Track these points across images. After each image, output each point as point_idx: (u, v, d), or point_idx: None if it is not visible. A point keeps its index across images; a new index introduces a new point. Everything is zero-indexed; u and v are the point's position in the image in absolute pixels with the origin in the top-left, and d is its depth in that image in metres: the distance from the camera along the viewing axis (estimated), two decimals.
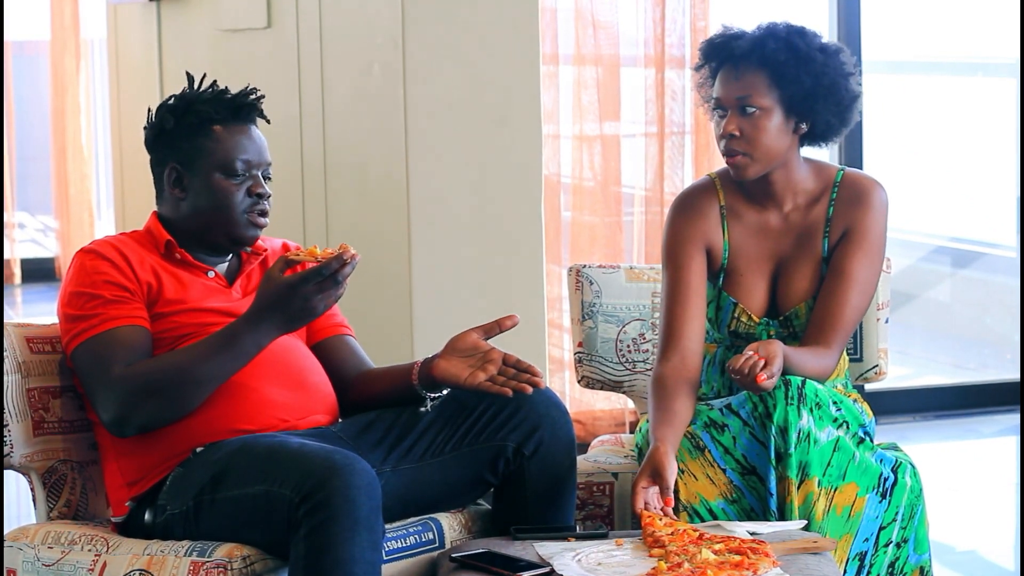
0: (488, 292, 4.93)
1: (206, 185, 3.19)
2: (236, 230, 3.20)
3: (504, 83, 4.97)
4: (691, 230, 3.42)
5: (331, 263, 2.92)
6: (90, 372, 3.07)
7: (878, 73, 7.17)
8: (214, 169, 3.19)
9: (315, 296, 2.95)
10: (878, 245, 3.40)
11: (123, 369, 3.03)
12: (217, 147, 3.19)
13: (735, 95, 3.31)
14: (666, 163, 5.55)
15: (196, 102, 3.21)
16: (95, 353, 3.06)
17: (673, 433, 3.20)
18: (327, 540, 2.81)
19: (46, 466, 3.23)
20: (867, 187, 3.41)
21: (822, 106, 3.33)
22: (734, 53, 3.32)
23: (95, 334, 3.07)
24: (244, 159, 3.20)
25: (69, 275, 3.15)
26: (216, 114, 3.20)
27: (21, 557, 3.13)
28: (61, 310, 3.14)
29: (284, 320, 2.98)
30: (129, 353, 3.05)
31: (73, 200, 9.29)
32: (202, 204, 3.20)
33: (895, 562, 3.29)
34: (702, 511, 3.19)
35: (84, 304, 3.09)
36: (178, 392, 3.02)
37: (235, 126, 3.22)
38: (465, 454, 3.18)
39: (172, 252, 3.21)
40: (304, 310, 2.97)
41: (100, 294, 3.09)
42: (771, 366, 3.10)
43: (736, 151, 3.32)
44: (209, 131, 3.20)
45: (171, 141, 3.22)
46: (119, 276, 3.12)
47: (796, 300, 3.40)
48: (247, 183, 3.20)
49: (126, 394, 3.01)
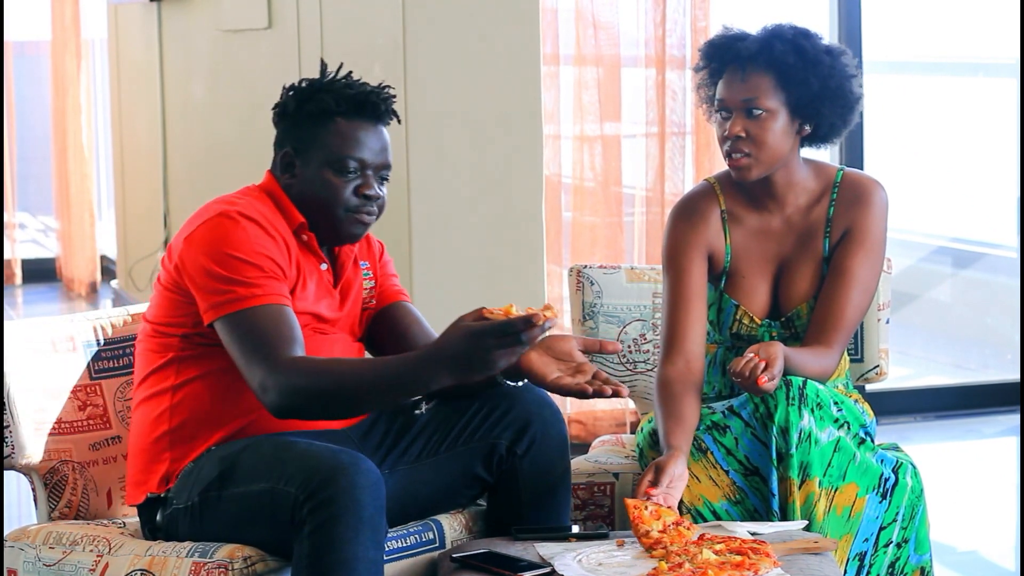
0: (489, 292, 4.94)
1: (314, 177, 3.12)
2: (338, 226, 3.13)
3: (505, 83, 4.98)
4: (692, 236, 3.42)
5: (516, 322, 2.76)
6: (248, 345, 2.95)
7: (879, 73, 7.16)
8: (324, 163, 3.11)
9: (495, 350, 2.78)
10: (878, 244, 3.40)
11: (289, 357, 2.93)
12: (332, 141, 3.11)
13: (741, 97, 3.30)
14: (667, 163, 5.55)
15: (321, 91, 3.13)
16: (252, 327, 2.96)
17: (685, 439, 3.20)
18: (331, 539, 2.81)
19: (47, 466, 3.23)
20: (867, 187, 3.41)
21: (828, 108, 3.34)
22: (741, 55, 3.31)
23: (253, 305, 2.97)
24: (358, 157, 3.11)
25: (220, 234, 3.02)
26: (338, 106, 3.11)
27: (22, 557, 3.13)
28: (207, 266, 3.00)
29: (460, 368, 2.82)
30: (289, 336, 2.96)
31: (74, 200, 9.29)
32: (308, 194, 3.12)
33: (895, 562, 3.29)
34: (705, 513, 3.19)
35: (241, 270, 2.99)
36: (338, 406, 2.95)
37: (357, 121, 3.12)
38: (460, 453, 3.19)
39: (300, 233, 3.12)
40: (483, 361, 2.80)
41: (258, 263, 3.00)
42: (772, 368, 3.10)
43: (741, 152, 3.31)
44: (328, 123, 3.12)
45: (290, 125, 3.15)
46: (276, 251, 3.04)
47: (798, 301, 3.40)
48: (356, 182, 3.12)
49: (293, 387, 2.90)
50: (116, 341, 3.35)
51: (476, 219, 4.99)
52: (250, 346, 2.95)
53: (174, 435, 3.09)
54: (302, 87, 3.16)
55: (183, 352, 3.09)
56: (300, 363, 2.93)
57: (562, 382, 3.03)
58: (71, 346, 3.29)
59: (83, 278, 9.28)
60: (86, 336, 3.31)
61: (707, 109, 3.44)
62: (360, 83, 3.15)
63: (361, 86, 3.14)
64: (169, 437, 3.09)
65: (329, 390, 2.90)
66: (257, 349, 2.94)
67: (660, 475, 3.10)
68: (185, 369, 3.09)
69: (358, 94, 3.12)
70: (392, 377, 2.88)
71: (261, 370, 2.93)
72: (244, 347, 2.96)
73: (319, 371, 2.92)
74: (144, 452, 3.13)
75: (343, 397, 2.91)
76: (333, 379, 2.91)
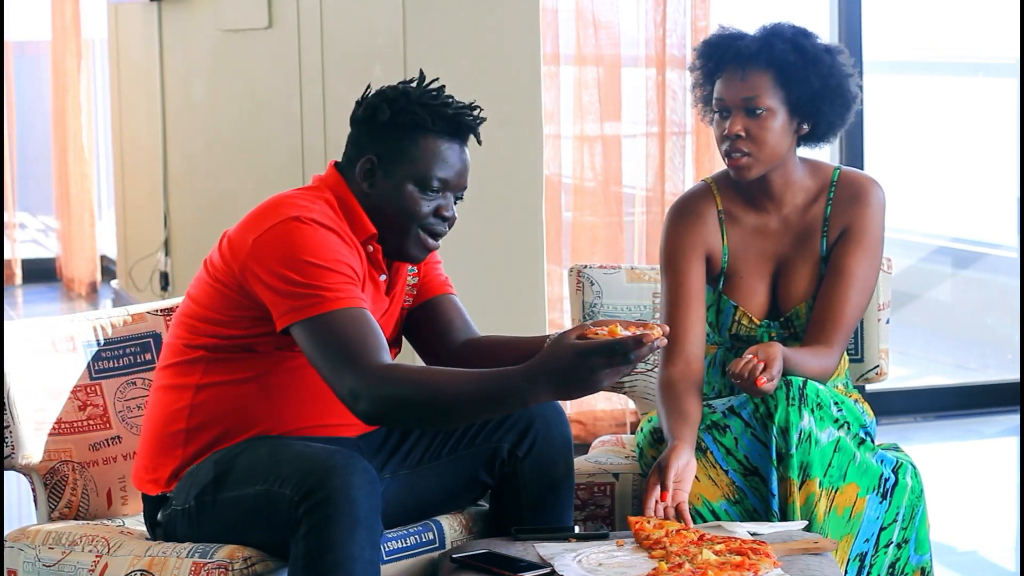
0: (489, 292, 4.94)
1: (396, 191, 3.06)
2: (407, 243, 3.08)
3: (505, 83, 4.98)
4: (690, 237, 3.42)
5: (627, 342, 2.71)
6: (334, 351, 2.89)
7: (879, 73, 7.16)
8: (410, 179, 3.06)
9: (602, 370, 2.72)
10: (876, 243, 3.40)
11: (380, 364, 2.87)
12: (421, 157, 3.05)
13: (741, 96, 3.30)
14: (667, 163, 5.55)
15: (416, 104, 3.07)
16: (336, 331, 2.90)
17: (690, 431, 3.19)
18: (327, 539, 2.81)
19: (47, 467, 3.23)
20: (864, 185, 3.41)
21: (828, 107, 3.34)
22: (741, 54, 3.31)
23: (335, 309, 2.91)
24: (442, 177, 3.07)
25: (294, 240, 2.95)
26: (433, 124, 3.07)
27: (22, 558, 3.13)
28: (282, 272, 2.94)
29: (562, 386, 2.76)
30: (376, 341, 2.90)
31: (74, 200, 9.29)
32: (386, 206, 3.07)
33: (896, 562, 3.29)
34: (705, 512, 3.19)
35: (319, 275, 2.93)
36: (431, 417, 2.89)
37: (448, 141, 3.08)
38: (462, 456, 3.18)
39: (368, 243, 3.08)
40: (587, 381, 2.74)
41: (340, 271, 2.95)
42: (771, 369, 3.10)
43: (740, 152, 3.31)
44: (418, 138, 3.06)
45: (377, 133, 3.08)
46: (351, 257, 2.99)
47: (796, 301, 3.40)
48: (437, 201, 3.08)
49: (386, 396, 2.84)
50: (116, 341, 3.34)
51: (476, 219, 4.99)
52: (336, 351, 2.89)
53: (190, 434, 3.07)
54: (394, 96, 3.08)
55: (217, 352, 3.06)
56: (393, 371, 2.87)
57: None
58: (71, 346, 3.29)
59: (83, 278, 9.28)
60: (86, 336, 3.31)
61: (702, 109, 3.44)
62: (452, 101, 3.10)
63: (456, 105, 3.09)
64: (185, 435, 3.08)
65: (424, 401, 2.84)
66: (344, 354, 2.88)
67: (665, 473, 3.10)
68: (212, 371, 3.06)
69: (456, 114, 3.08)
70: (491, 390, 2.82)
71: (351, 377, 2.86)
72: (329, 352, 2.89)
73: (414, 381, 2.86)
74: (158, 441, 3.11)
75: (438, 408, 2.85)
76: (429, 390, 2.84)
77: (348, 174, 3.12)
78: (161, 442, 3.10)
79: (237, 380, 3.05)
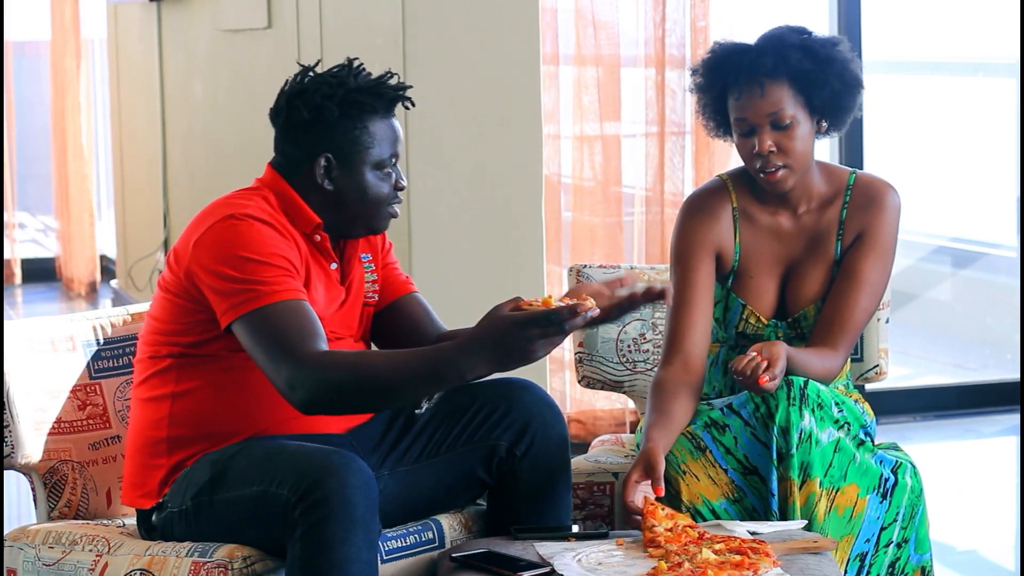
0: (489, 292, 4.93)
1: (359, 180, 3.09)
2: (375, 222, 3.13)
3: (504, 83, 4.98)
4: (702, 233, 3.41)
5: (562, 311, 2.76)
6: (271, 343, 2.91)
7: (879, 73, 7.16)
8: (368, 165, 3.09)
9: (538, 340, 2.77)
10: (889, 249, 3.39)
11: (316, 351, 2.89)
12: (372, 142, 3.09)
13: (766, 111, 3.27)
14: (666, 163, 5.55)
15: (356, 91, 3.09)
16: (274, 324, 2.92)
17: (666, 436, 3.20)
18: (323, 540, 2.81)
19: (47, 466, 3.23)
20: (880, 190, 3.40)
21: (848, 100, 3.33)
22: (756, 69, 3.28)
23: (272, 302, 2.93)
24: (392, 153, 3.12)
25: (231, 237, 2.98)
26: (377, 105, 3.10)
27: (22, 557, 3.13)
28: (220, 269, 2.96)
29: (499, 358, 2.80)
30: (313, 330, 2.92)
31: (73, 200, 9.29)
32: (351, 198, 3.09)
33: (896, 562, 3.29)
34: (704, 511, 3.19)
35: (256, 270, 2.95)
36: (370, 398, 2.92)
37: (385, 119, 3.12)
38: (460, 454, 3.18)
39: (313, 235, 3.10)
40: (523, 351, 2.78)
41: (275, 264, 2.97)
42: (774, 368, 3.09)
43: (777, 166, 3.29)
44: (367, 125, 3.09)
45: (329, 132, 3.09)
46: (288, 250, 3.01)
47: (805, 302, 3.40)
48: (392, 177, 3.13)
49: (323, 382, 2.86)
50: (116, 341, 3.34)
51: (476, 219, 4.99)
52: (272, 344, 2.91)
53: (172, 442, 3.08)
54: (334, 89, 3.08)
55: (184, 359, 3.07)
56: (328, 357, 2.89)
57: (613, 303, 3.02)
58: (71, 346, 3.28)
59: (83, 278, 9.28)
60: (86, 336, 3.31)
61: (713, 127, 3.41)
62: (383, 77, 3.13)
63: (388, 81, 3.12)
64: (167, 443, 3.08)
65: (362, 383, 2.87)
66: (280, 346, 2.90)
67: (655, 475, 3.09)
68: (185, 377, 3.07)
69: (392, 91, 3.11)
70: (428, 366, 2.85)
71: (287, 367, 2.88)
72: (266, 345, 2.91)
73: (349, 364, 2.89)
74: (141, 454, 3.12)
75: (377, 389, 2.88)
76: (365, 372, 2.87)
77: (288, 171, 3.13)
78: (145, 455, 3.11)
79: (212, 382, 3.05)
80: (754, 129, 3.28)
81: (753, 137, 3.28)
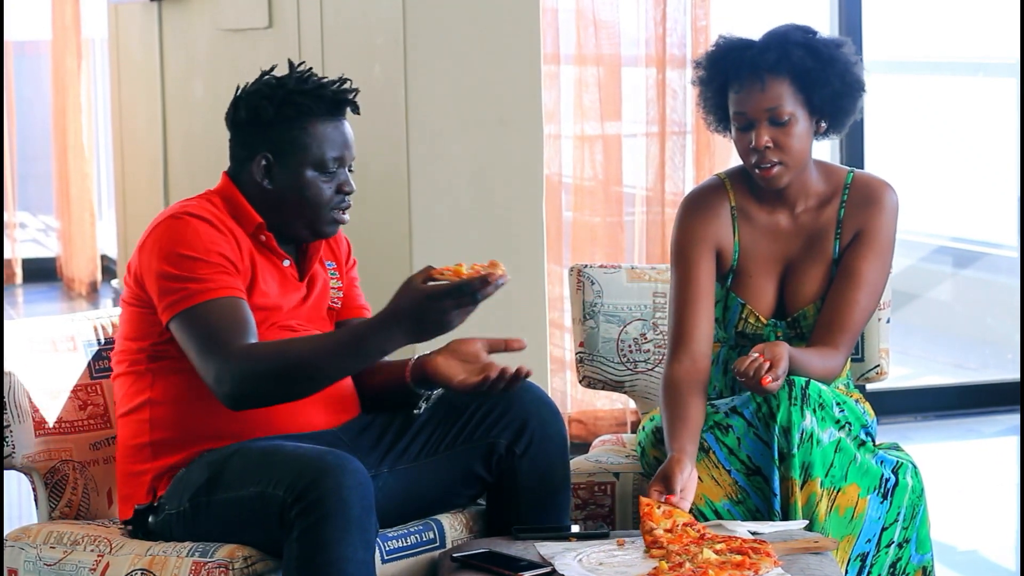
0: None
1: (297, 180, 3.13)
2: (319, 225, 3.16)
3: (505, 83, 4.98)
4: (701, 231, 3.41)
5: (473, 282, 2.82)
6: (201, 340, 2.97)
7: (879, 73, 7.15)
8: (307, 165, 3.13)
9: (452, 311, 2.84)
10: (888, 247, 3.39)
11: (242, 345, 2.96)
12: (312, 143, 3.13)
13: (765, 107, 3.28)
14: (667, 163, 5.55)
15: (296, 93, 3.14)
16: (205, 321, 2.98)
17: (691, 441, 3.18)
18: (320, 540, 2.81)
19: (48, 466, 3.23)
20: (878, 189, 3.40)
21: (847, 102, 3.33)
22: (758, 64, 3.29)
23: (205, 300, 2.99)
24: (336, 156, 3.14)
25: (171, 235, 3.04)
26: (317, 108, 3.14)
27: (23, 557, 3.13)
28: (161, 267, 3.03)
29: (415, 330, 2.87)
30: (242, 326, 2.99)
31: (74, 200, 9.29)
32: (290, 197, 3.14)
33: (897, 562, 3.29)
34: (708, 512, 3.18)
35: (193, 267, 3.01)
36: (296, 383, 2.97)
37: (330, 121, 3.15)
38: (459, 452, 3.19)
39: (258, 234, 3.15)
40: (438, 323, 2.85)
41: (209, 259, 3.02)
42: (776, 368, 3.09)
43: (772, 162, 3.29)
44: (305, 125, 3.13)
45: (265, 130, 3.15)
46: (227, 247, 3.06)
47: (804, 302, 3.40)
48: (337, 180, 3.15)
49: (248, 373, 2.93)
50: None
51: (476, 218, 4.99)
52: (203, 341, 2.98)
53: (155, 447, 3.10)
54: (272, 92, 3.16)
55: (155, 364, 3.11)
56: (252, 349, 2.96)
57: (468, 383, 3.10)
58: (71, 345, 3.29)
59: (83, 278, 9.28)
60: (86, 336, 3.31)
61: (712, 120, 3.41)
62: (326, 80, 3.18)
63: (330, 84, 3.17)
64: (150, 449, 3.11)
65: (285, 369, 2.93)
66: (209, 343, 2.97)
67: (671, 485, 3.08)
68: (160, 381, 3.11)
69: (334, 93, 3.16)
70: (349, 343, 2.93)
71: (214, 363, 2.95)
72: (198, 343, 2.98)
73: (272, 353, 2.95)
74: (128, 462, 3.15)
75: (301, 373, 2.94)
76: (289, 357, 2.94)
77: (236, 172, 3.21)
78: (131, 463, 3.13)
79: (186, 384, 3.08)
80: (752, 124, 3.29)
81: (751, 132, 3.29)
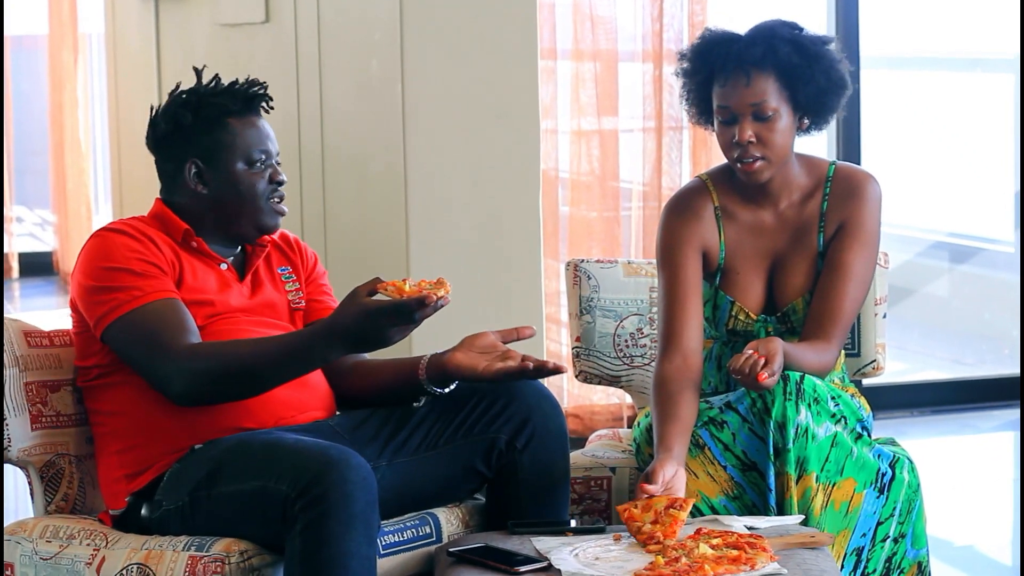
0: (486, 287, 4.93)
1: (229, 177, 3.20)
2: (262, 218, 3.23)
3: (502, 78, 4.98)
4: (686, 233, 3.41)
5: (410, 303, 2.89)
6: (142, 344, 3.04)
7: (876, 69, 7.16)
8: (236, 161, 3.21)
9: (389, 328, 2.93)
10: (873, 238, 3.39)
11: (187, 344, 3.02)
12: (236, 139, 3.21)
13: (749, 102, 3.28)
14: (664, 158, 5.55)
15: (210, 95, 3.22)
16: (143, 326, 3.05)
17: (679, 441, 3.18)
18: (323, 535, 2.81)
19: (44, 460, 3.23)
20: (860, 180, 3.40)
21: (831, 99, 3.33)
22: (743, 59, 3.29)
23: (138, 306, 3.06)
24: (262, 149, 3.22)
25: (91, 252, 3.12)
26: (232, 106, 3.21)
27: (19, 551, 3.13)
28: (86, 283, 3.10)
29: (355, 343, 2.97)
30: (182, 326, 3.05)
31: (71, 194, 9.28)
32: (227, 196, 3.21)
33: (892, 557, 3.29)
34: (704, 508, 3.19)
35: (117, 277, 3.08)
36: (241, 384, 3.03)
37: (247, 118, 3.23)
38: (459, 446, 3.19)
39: (189, 241, 3.20)
40: (377, 339, 2.95)
41: (132, 268, 3.09)
42: (772, 364, 3.09)
43: (755, 157, 3.30)
44: (225, 124, 3.21)
45: (189, 137, 3.21)
46: (148, 253, 3.12)
47: (793, 296, 3.40)
48: (268, 171, 3.23)
49: (197, 372, 3.00)
50: None
51: (473, 213, 4.99)
52: (145, 345, 3.04)
53: (124, 456, 3.13)
54: (187, 99, 3.23)
55: (104, 380, 3.15)
56: (198, 348, 3.02)
57: (495, 367, 3.14)
58: (68, 339, 3.28)
59: None
60: None
61: (696, 113, 3.42)
62: (234, 82, 3.26)
63: (241, 85, 3.25)
64: (118, 458, 3.14)
65: (231, 369, 3.00)
66: (152, 346, 3.03)
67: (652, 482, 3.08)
68: (114, 393, 3.15)
69: (246, 92, 3.23)
70: (291, 351, 3.01)
71: (160, 363, 3.01)
72: (139, 347, 3.05)
73: (218, 353, 3.02)
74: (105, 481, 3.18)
75: (245, 375, 3.01)
76: (233, 359, 3.00)
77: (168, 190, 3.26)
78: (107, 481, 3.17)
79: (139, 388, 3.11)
80: (736, 118, 3.29)
81: (734, 126, 3.29)
